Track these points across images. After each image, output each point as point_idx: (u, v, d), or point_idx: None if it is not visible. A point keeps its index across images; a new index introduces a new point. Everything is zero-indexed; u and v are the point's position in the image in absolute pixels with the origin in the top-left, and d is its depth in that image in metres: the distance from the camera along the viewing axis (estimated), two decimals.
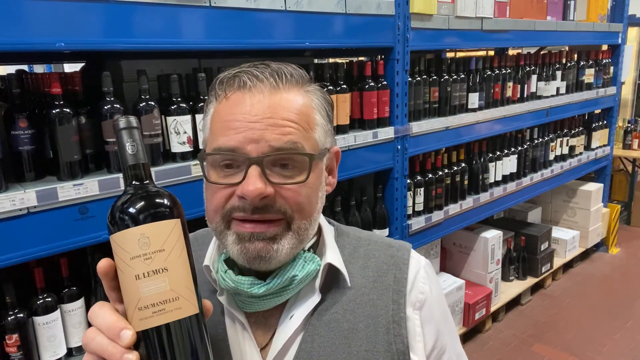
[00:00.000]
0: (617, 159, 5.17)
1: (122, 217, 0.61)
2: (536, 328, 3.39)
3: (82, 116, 1.55)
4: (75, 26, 1.42)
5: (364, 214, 2.46)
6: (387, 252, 0.87)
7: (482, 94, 2.95)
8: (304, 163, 0.74)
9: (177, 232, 0.62)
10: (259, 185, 0.70)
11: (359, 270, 0.85)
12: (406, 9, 2.35)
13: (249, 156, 0.71)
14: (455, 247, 3.53)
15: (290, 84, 0.76)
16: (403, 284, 0.83)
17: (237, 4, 1.74)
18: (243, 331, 0.81)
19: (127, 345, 0.58)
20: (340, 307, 0.81)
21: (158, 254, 0.60)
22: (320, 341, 0.79)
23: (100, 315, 0.61)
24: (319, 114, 0.79)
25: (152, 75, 1.76)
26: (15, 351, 1.47)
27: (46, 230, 1.44)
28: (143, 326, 0.59)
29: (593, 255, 4.50)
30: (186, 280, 0.62)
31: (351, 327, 0.80)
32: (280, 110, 0.73)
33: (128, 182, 0.65)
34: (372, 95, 2.30)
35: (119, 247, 0.61)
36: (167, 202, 0.63)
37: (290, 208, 0.74)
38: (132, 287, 0.59)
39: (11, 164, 1.47)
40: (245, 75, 0.74)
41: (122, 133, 0.64)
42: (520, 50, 4.62)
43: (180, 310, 0.60)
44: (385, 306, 0.81)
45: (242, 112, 0.72)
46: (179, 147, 1.72)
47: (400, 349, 0.79)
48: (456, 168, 2.92)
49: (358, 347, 0.78)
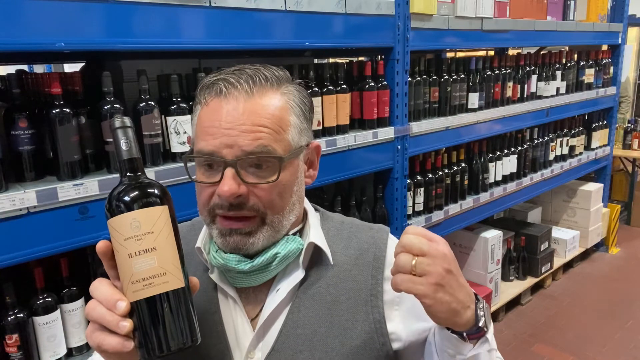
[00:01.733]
0: (617, 159, 5.17)
1: (117, 204, 0.70)
2: (536, 328, 3.39)
3: (82, 116, 1.55)
4: (75, 26, 1.42)
5: (364, 214, 2.46)
6: (368, 233, 0.97)
7: (482, 94, 2.95)
8: (275, 165, 0.81)
9: (164, 217, 0.71)
10: (233, 186, 0.79)
11: (342, 249, 0.94)
12: (406, 9, 2.35)
13: (224, 159, 0.79)
14: (455, 247, 3.52)
15: (265, 88, 0.83)
16: (381, 262, 0.92)
17: (237, 4, 1.74)
18: (234, 305, 0.90)
19: (122, 314, 0.67)
20: (324, 282, 0.90)
21: (148, 236, 0.69)
22: (306, 312, 0.88)
23: (99, 289, 0.70)
24: (294, 114, 0.85)
25: (152, 75, 1.76)
26: (15, 351, 1.47)
27: (46, 230, 1.44)
28: (135, 297, 0.68)
29: (593, 255, 4.50)
30: (173, 258, 0.70)
31: (334, 300, 0.89)
32: (253, 116, 0.80)
33: (123, 174, 0.74)
34: (372, 95, 2.30)
35: (115, 230, 0.70)
36: (156, 192, 0.72)
37: (263, 205, 0.82)
38: (126, 264, 0.68)
39: (11, 164, 1.47)
40: (222, 83, 0.81)
41: (117, 132, 0.74)
42: (520, 50, 4.62)
43: (167, 283, 0.69)
44: (365, 281, 0.91)
45: (219, 119, 0.80)
46: (179, 147, 1.72)
47: (377, 318, 0.89)
48: (456, 168, 2.92)
49: (339, 317, 0.88)
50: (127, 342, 0.67)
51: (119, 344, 0.67)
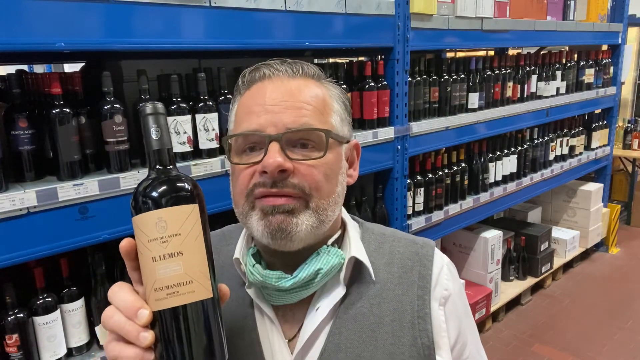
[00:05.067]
0: (617, 159, 5.17)
1: (143, 200, 0.63)
2: (536, 328, 3.39)
3: (82, 116, 1.55)
4: (75, 26, 1.42)
5: (364, 214, 2.46)
6: (412, 248, 0.90)
7: (482, 94, 2.95)
8: (321, 140, 0.78)
9: (194, 217, 0.63)
10: (278, 159, 0.74)
11: (384, 266, 0.87)
12: (406, 9, 2.35)
13: (268, 134, 0.75)
14: (455, 247, 3.53)
15: (307, 75, 0.82)
16: (427, 280, 0.85)
17: (237, 4, 1.74)
18: (271, 324, 0.84)
19: (143, 324, 0.61)
20: (367, 301, 0.83)
21: (174, 238, 0.62)
22: (348, 334, 0.81)
23: (118, 295, 0.64)
24: (336, 102, 0.84)
25: (152, 75, 1.76)
26: (15, 351, 1.47)
27: (46, 230, 1.44)
28: (158, 307, 0.62)
29: (593, 255, 4.50)
30: (201, 264, 0.63)
31: (377, 321, 0.82)
32: (298, 93, 0.78)
33: (151, 167, 0.67)
34: (372, 95, 2.30)
35: (139, 230, 0.63)
36: (187, 187, 0.65)
37: (309, 185, 0.76)
38: (150, 269, 0.62)
39: (11, 164, 1.47)
40: (265, 68, 0.81)
41: (148, 119, 0.66)
42: (520, 50, 4.62)
43: (193, 293, 0.62)
44: (411, 302, 0.83)
45: (262, 97, 0.78)
46: (179, 147, 1.72)
47: (426, 343, 0.81)
48: (456, 168, 2.92)
49: (384, 340, 0.81)
50: (147, 354, 0.61)
51: (138, 357, 0.61)
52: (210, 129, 1.78)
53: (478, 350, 0.93)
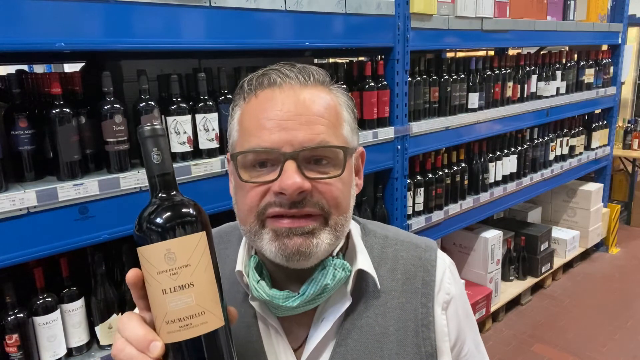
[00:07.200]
0: (617, 159, 5.17)
1: (149, 229, 0.61)
2: (536, 328, 3.39)
3: (82, 116, 1.55)
4: (75, 26, 1.42)
5: (364, 214, 2.46)
6: (415, 253, 0.89)
7: (482, 94, 2.95)
8: (338, 157, 0.75)
9: (202, 246, 0.62)
10: (297, 180, 0.70)
11: (388, 273, 0.86)
12: (406, 9, 2.35)
13: (284, 152, 0.71)
14: (455, 247, 3.53)
15: (317, 82, 0.78)
16: (431, 287, 0.85)
17: (237, 4, 1.74)
18: (276, 335, 0.83)
19: (156, 357, 0.60)
20: (372, 311, 0.83)
21: (184, 269, 0.60)
22: (354, 344, 0.81)
23: (129, 327, 0.62)
24: (346, 111, 0.80)
25: (152, 75, 1.77)
26: (15, 351, 1.47)
27: (46, 230, 1.44)
28: (171, 339, 0.61)
29: (593, 255, 4.50)
30: (212, 293, 0.62)
31: (382, 331, 0.82)
32: (311, 105, 0.74)
33: (154, 194, 0.65)
34: (372, 95, 2.30)
35: (146, 261, 0.61)
36: (192, 213, 0.63)
37: (328, 203, 0.74)
38: (160, 301, 0.60)
39: (11, 164, 1.47)
40: (275, 73, 0.76)
41: (147, 142, 0.64)
42: (520, 50, 4.62)
43: (206, 324, 0.61)
44: (415, 310, 0.83)
45: (274, 109, 0.73)
46: (179, 147, 1.72)
47: (429, 351, 0.82)
48: (456, 168, 2.92)
49: (389, 350, 0.81)
50: None
51: None
52: (210, 129, 1.78)
53: (477, 346, 0.93)
